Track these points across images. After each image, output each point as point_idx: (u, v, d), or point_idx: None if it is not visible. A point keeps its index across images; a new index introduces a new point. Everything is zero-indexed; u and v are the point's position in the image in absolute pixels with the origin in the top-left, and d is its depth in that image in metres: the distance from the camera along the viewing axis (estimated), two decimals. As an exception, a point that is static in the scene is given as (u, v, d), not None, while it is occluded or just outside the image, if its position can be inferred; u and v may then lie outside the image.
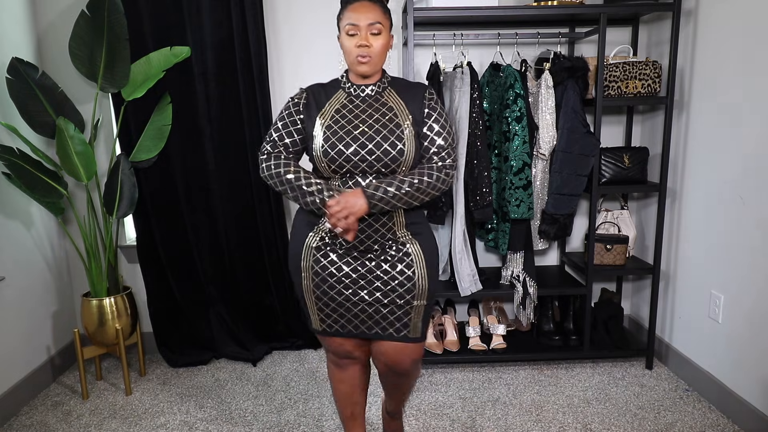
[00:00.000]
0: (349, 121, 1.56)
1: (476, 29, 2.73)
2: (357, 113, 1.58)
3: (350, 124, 1.55)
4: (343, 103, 1.60)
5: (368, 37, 1.52)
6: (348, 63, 1.58)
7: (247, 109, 2.69)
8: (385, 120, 1.56)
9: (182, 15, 2.58)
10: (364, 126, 1.55)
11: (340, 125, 1.55)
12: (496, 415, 2.29)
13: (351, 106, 1.59)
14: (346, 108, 1.59)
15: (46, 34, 2.67)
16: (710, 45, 2.31)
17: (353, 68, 1.57)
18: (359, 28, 1.52)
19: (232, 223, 2.83)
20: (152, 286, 2.81)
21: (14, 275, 2.44)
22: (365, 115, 1.57)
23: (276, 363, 2.83)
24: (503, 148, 2.49)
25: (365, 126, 1.54)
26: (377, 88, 1.62)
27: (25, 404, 2.46)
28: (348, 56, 1.56)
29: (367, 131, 1.54)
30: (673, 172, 2.60)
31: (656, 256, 2.58)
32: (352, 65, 1.57)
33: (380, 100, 1.60)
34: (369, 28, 1.52)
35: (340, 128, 1.54)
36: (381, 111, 1.58)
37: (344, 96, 1.62)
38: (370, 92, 1.61)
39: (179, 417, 2.34)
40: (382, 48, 1.55)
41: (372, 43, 1.53)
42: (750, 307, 2.13)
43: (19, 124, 2.38)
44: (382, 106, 1.59)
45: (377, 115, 1.57)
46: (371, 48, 1.53)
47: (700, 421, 2.22)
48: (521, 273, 2.63)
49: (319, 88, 1.63)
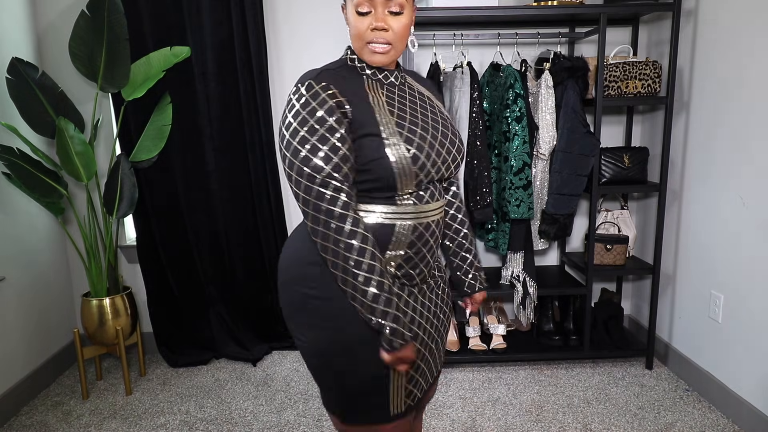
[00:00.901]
0: (413, 117, 1.18)
1: (476, 29, 2.73)
2: (410, 106, 1.21)
3: (416, 119, 1.18)
4: (385, 94, 1.20)
5: (386, 16, 1.13)
6: (356, 48, 1.18)
7: (247, 109, 2.69)
8: (439, 114, 1.25)
9: (182, 15, 2.58)
10: (429, 121, 1.21)
11: (409, 122, 1.17)
12: (496, 415, 2.29)
13: (395, 96, 1.21)
14: (394, 99, 1.20)
15: (46, 34, 2.67)
16: (710, 45, 2.31)
17: (364, 56, 1.17)
18: (374, 4, 1.12)
19: (232, 223, 2.83)
20: (152, 286, 2.81)
21: (14, 275, 2.44)
22: (420, 108, 1.22)
23: (276, 363, 2.83)
24: (503, 148, 2.49)
25: (431, 121, 1.21)
26: (399, 75, 1.26)
27: (25, 404, 2.46)
28: (356, 39, 1.15)
29: (439, 128, 1.21)
30: (673, 172, 2.60)
31: (656, 256, 2.58)
32: (361, 52, 1.17)
33: (413, 90, 1.27)
34: (386, 4, 1.12)
35: (412, 125, 1.16)
36: (427, 103, 1.25)
37: (375, 84, 1.20)
38: (395, 80, 1.24)
39: (179, 417, 2.34)
40: (405, 30, 1.15)
41: (391, 25, 1.13)
42: (750, 307, 2.13)
43: (19, 124, 2.38)
44: (422, 97, 1.27)
45: (430, 108, 1.24)
46: (390, 32, 1.13)
47: (700, 421, 2.22)
48: (521, 273, 2.63)
49: (336, 76, 1.15)
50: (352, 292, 1.09)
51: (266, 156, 2.74)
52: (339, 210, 1.07)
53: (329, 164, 1.06)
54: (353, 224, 1.07)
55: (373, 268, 1.08)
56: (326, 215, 1.07)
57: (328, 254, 1.08)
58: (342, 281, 1.09)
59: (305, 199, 1.08)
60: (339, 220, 1.07)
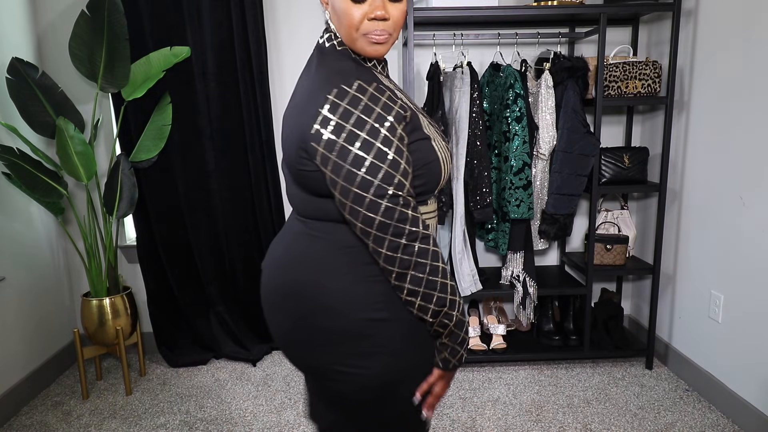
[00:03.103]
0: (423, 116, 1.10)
1: (476, 29, 2.73)
2: (414, 104, 1.13)
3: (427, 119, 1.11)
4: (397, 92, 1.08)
5: (385, 3, 0.99)
6: (346, 39, 1.03)
7: (247, 109, 2.69)
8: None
9: (182, 15, 2.58)
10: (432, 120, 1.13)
11: (428, 122, 1.09)
12: (496, 415, 2.29)
13: (402, 95, 1.10)
14: (405, 98, 1.09)
15: (46, 34, 2.67)
16: (710, 45, 2.31)
17: (357, 47, 1.03)
18: None
19: (232, 223, 2.83)
20: (152, 286, 2.81)
21: (14, 275, 2.44)
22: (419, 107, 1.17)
23: (276, 363, 2.83)
24: (503, 148, 2.49)
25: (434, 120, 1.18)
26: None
27: (25, 404, 2.46)
28: (349, 30, 1.00)
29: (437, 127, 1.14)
30: (673, 172, 2.60)
31: (656, 256, 2.58)
32: (354, 43, 1.02)
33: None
34: None
35: (432, 127, 1.09)
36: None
37: (386, 81, 1.09)
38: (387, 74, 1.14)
39: (179, 417, 2.34)
40: (403, 18, 1.02)
41: (392, 13, 1.00)
42: (750, 307, 2.13)
43: (19, 124, 2.38)
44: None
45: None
46: (390, 21, 1.00)
47: (700, 421, 2.22)
48: (521, 273, 2.63)
49: (370, 73, 1.03)
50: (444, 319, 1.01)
51: (266, 156, 2.74)
52: (414, 228, 0.95)
53: (398, 172, 0.94)
54: (433, 244, 0.97)
55: (454, 288, 1.01)
56: (398, 234, 0.94)
57: (421, 286, 0.97)
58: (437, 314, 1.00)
59: (368, 218, 0.94)
60: (421, 241, 0.96)
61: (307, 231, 1.08)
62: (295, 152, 1.01)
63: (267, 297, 1.14)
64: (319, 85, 0.98)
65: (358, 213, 0.95)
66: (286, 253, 1.11)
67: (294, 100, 1.06)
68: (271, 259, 1.15)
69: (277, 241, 1.17)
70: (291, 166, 1.05)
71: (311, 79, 1.03)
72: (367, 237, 0.96)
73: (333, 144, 0.93)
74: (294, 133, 1.00)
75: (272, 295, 1.12)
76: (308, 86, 1.02)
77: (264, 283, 1.15)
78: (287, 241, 1.13)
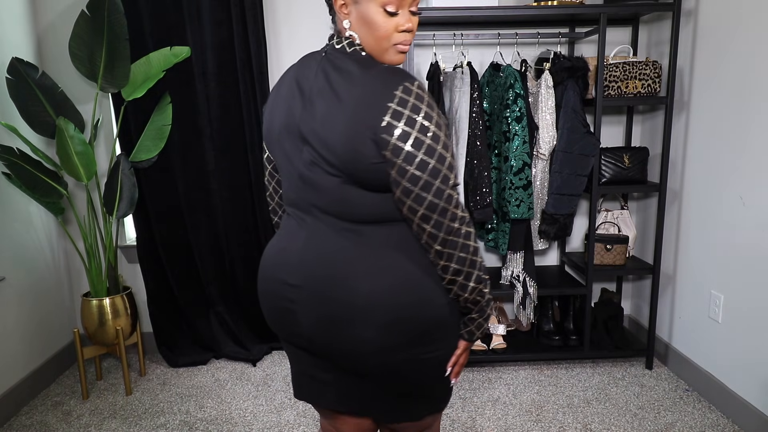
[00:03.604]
0: None
1: (476, 29, 2.73)
2: None
3: None
4: None
5: (410, 16, 1.09)
6: (377, 48, 1.09)
7: (247, 109, 2.69)
8: None
9: (182, 15, 2.58)
10: None
11: None
12: (496, 415, 2.29)
13: None
14: None
15: (46, 34, 2.67)
16: (710, 45, 2.31)
17: (386, 57, 1.10)
18: (403, 3, 1.06)
19: (232, 223, 2.83)
20: (152, 286, 2.81)
21: (14, 275, 2.44)
22: None
23: (276, 363, 2.83)
24: (503, 148, 2.49)
25: None
26: None
27: (25, 404, 2.46)
28: (382, 41, 1.07)
29: None
30: (673, 172, 2.60)
31: (656, 256, 2.58)
32: (384, 53, 1.10)
33: None
34: (413, 3, 1.08)
35: None
36: None
37: None
38: None
39: (179, 417, 2.34)
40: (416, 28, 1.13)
41: (414, 26, 1.10)
42: (750, 307, 2.13)
43: (19, 124, 2.38)
44: None
45: None
46: (412, 32, 1.10)
47: (700, 421, 2.22)
48: (521, 273, 2.63)
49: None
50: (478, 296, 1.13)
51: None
52: (463, 214, 1.07)
53: (454, 161, 1.07)
54: (472, 226, 1.11)
55: (484, 267, 1.14)
56: (454, 218, 1.06)
57: (465, 265, 1.08)
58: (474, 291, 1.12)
59: (432, 204, 1.04)
60: (467, 224, 1.08)
61: (362, 233, 1.10)
62: (357, 149, 1.03)
63: (337, 312, 1.10)
64: (379, 83, 1.03)
65: (424, 199, 1.03)
66: (356, 258, 1.10)
67: (336, 101, 1.05)
68: (321, 270, 1.11)
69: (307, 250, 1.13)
70: (348, 165, 1.05)
71: (356, 79, 1.04)
72: (427, 222, 1.05)
73: (407, 135, 1.01)
74: (355, 131, 1.02)
75: (346, 309, 1.09)
76: (360, 85, 1.04)
77: (321, 299, 1.11)
78: (334, 249, 1.11)
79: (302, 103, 1.10)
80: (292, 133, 1.12)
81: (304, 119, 1.09)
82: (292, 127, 1.12)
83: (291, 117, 1.12)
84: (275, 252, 1.21)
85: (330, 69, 1.09)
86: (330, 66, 1.09)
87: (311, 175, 1.10)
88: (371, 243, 1.10)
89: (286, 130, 1.13)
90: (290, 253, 1.16)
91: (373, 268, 1.09)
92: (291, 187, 1.16)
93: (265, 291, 1.23)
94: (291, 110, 1.12)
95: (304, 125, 1.09)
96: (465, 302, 1.14)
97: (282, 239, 1.21)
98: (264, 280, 1.23)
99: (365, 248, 1.10)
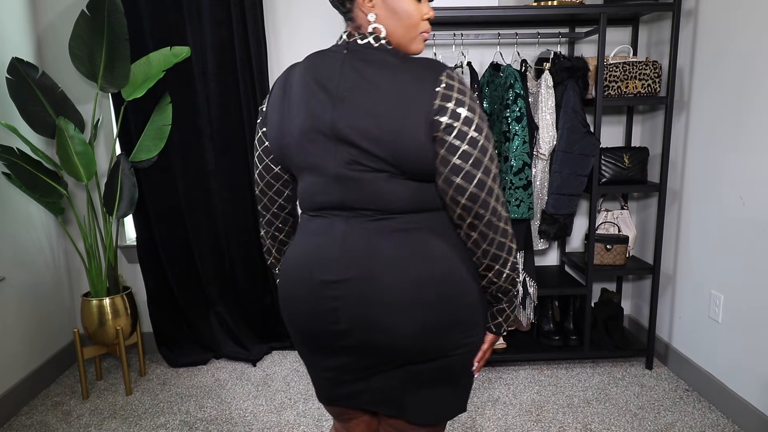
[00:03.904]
0: None
1: (476, 29, 2.73)
2: None
3: None
4: None
5: (429, 4, 1.14)
6: (405, 37, 1.12)
7: (247, 109, 2.69)
8: None
9: (182, 15, 2.58)
10: None
11: None
12: (496, 415, 2.29)
13: None
14: None
15: (46, 34, 2.67)
16: (710, 45, 2.31)
17: (413, 46, 1.14)
18: None
19: (232, 223, 2.83)
20: (152, 286, 2.81)
21: (14, 275, 2.44)
22: None
23: (276, 363, 2.83)
24: (503, 148, 2.49)
25: None
26: None
27: (25, 404, 2.46)
28: (411, 29, 1.11)
29: None
30: (673, 172, 2.60)
31: (656, 256, 2.58)
32: (412, 42, 1.13)
33: None
34: None
35: None
36: None
37: None
38: None
39: (179, 417, 2.35)
40: None
41: (432, 14, 1.15)
42: (750, 307, 2.13)
43: (19, 124, 2.38)
44: None
45: None
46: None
47: (700, 421, 2.22)
48: (521, 273, 2.63)
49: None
50: (510, 284, 1.14)
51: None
52: (503, 198, 1.10)
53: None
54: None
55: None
56: (498, 199, 1.08)
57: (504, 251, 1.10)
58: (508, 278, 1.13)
59: (481, 181, 1.05)
60: (506, 209, 1.11)
61: (401, 225, 1.09)
62: (407, 134, 1.03)
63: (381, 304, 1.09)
64: (421, 69, 1.04)
65: (474, 177, 1.03)
66: (397, 249, 1.09)
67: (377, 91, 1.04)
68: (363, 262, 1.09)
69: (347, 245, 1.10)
70: (397, 154, 1.04)
71: (396, 68, 1.05)
72: (475, 202, 1.05)
73: (458, 115, 1.02)
74: (404, 116, 1.02)
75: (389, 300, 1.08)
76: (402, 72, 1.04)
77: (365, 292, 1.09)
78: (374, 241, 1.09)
79: (331, 102, 1.06)
80: (321, 135, 1.07)
81: (340, 117, 1.05)
82: (321, 129, 1.07)
83: (316, 119, 1.07)
84: (304, 254, 1.15)
85: (360, 64, 1.06)
86: (359, 61, 1.07)
87: (351, 173, 1.07)
88: (411, 233, 1.09)
89: (311, 132, 1.08)
90: (327, 251, 1.11)
91: (415, 257, 1.08)
92: (321, 191, 1.11)
93: (297, 297, 1.16)
94: (314, 112, 1.07)
95: (340, 123, 1.05)
96: (497, 290, 1.14)
97: (310, 241, 1.15)
98: (294, 286, 1.16)
99: (405, 238, 1.09)
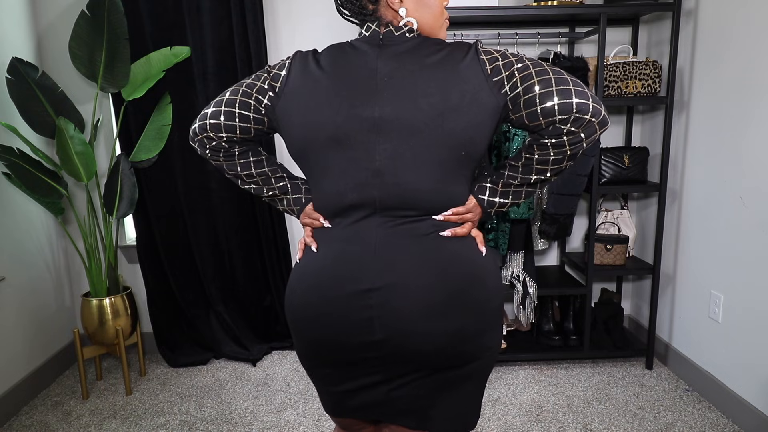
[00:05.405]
0: None
1: (476, 29, 2.73)
2: None
3: None
4: None
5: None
6: (434, 26, 1.16)
7: (247, 109, 2.68)
8: None
9: (182, 15, 2.58)
10: None
11: None
12: (496, 415, 2.29)
13: None
14: None
15: (46, 34, 2.67)
16: (710, 45, 2.31)
17: (441, 33, 1.18)
18: None
19: (232, 223, 2.83)
20: (152, 286, 2.81)
21: (14, 275, 2.44)
22: None
23: (276, 363, 2.83)
24: (503, 148, 2.49)
25: None
26: None
27: (25, 404, 2.46)
28: (439, 17, 1.16)
29: None
30: (673, 172, 2.60)
31: (656, 256, 2.58)
32: (439, 29, 1.18)
33: None
34: None
35: None
36: None
37: None
38: None
39: (179, 417, 2.34)
40: None
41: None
42: (750, 307, 2.13)
43: (19, 124, 2.38)
44: None
45: None
46: None
47: (700, 421, 2.22)
48: (521, 273, 2.63)
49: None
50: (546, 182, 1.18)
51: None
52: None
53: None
54: None
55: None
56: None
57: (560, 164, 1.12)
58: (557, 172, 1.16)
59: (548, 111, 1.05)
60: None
61: (431, 228, 1.12)
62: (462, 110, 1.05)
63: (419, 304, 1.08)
64: (458, 49, 1.09)
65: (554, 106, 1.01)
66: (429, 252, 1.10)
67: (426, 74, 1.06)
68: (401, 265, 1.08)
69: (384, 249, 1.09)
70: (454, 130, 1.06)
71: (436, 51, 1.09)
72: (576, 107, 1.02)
73: (510, 63, 1.06)
74: (463, 92, 1.05)
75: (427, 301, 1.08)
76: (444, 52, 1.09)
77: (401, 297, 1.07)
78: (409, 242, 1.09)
79: (369, 94, 1.05)
80: (362, 129, 1.06)
81: (381, 106, 1.05)
82: (362, 122, 1.05)
83: (354, 111, 1.05)
84: (331, 264, 1.11)
85: (399, 54, 1.09)
86: (398, 52, 1.09)
87: (392, 165, 1.06)
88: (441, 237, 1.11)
89: (348, 126, 1.06)
90: (358, 258, 1.09)
91: (447, 261, 1.10)
92: (354, 188, 1.08)
93: (322, 312, 1.11)
94: (351, 104, 1.06)
95: (384, 112, 1.05)
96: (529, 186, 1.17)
97: (336, 248, 1.12)
98: (318, 301, 1.12)
99: (436, 242, 1.11)
